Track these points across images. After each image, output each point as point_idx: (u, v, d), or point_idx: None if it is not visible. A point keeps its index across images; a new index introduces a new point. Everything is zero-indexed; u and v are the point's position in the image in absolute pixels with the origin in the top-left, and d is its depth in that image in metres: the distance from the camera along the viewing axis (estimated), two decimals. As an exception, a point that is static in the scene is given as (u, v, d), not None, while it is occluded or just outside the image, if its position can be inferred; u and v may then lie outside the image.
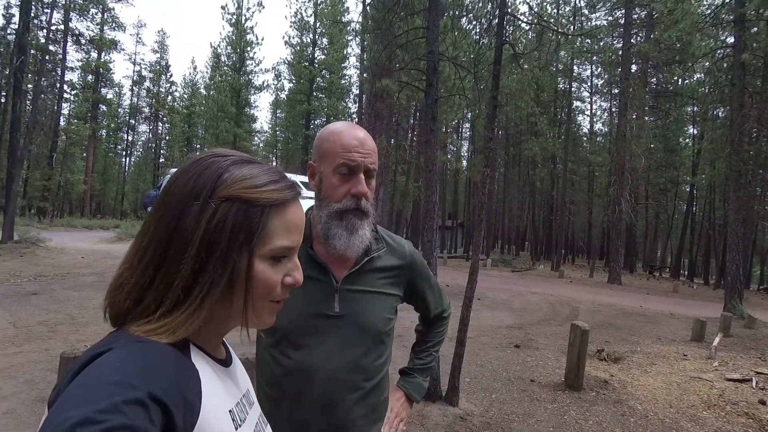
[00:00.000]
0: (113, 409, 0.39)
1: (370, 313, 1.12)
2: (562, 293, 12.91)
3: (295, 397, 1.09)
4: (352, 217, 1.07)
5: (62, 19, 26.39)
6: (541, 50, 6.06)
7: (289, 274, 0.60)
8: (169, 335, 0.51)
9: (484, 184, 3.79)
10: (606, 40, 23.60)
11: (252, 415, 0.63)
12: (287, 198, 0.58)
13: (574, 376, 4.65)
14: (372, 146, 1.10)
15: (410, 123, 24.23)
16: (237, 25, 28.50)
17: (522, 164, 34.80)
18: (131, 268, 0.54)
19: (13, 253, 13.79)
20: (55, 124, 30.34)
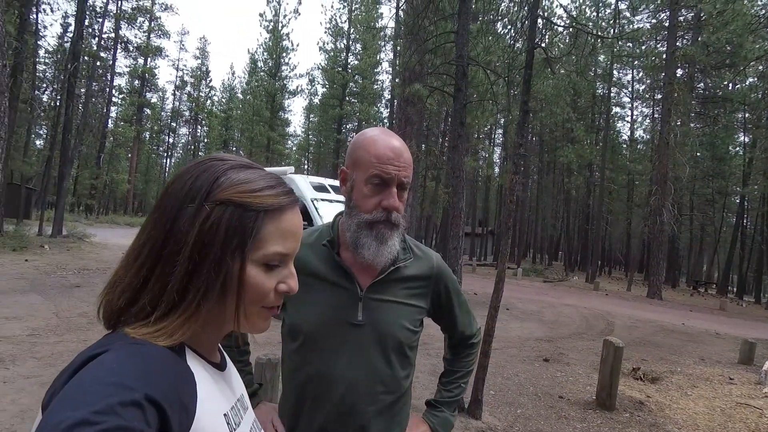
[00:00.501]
0: (109, 411, 0.39)
1: (392, 324, 1.10)
2: (597, 306, 12.40)
3: (315, 403, 1.08)
4: (383, 227, 1.06)
5: (113, 27, 27.92)
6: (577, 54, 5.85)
7: (283, 281, 0.59)
8: (166, 338, 0.51)
9: (512, 190, 3.68)
10: (649, 43, 22.67)
11: (246, 419, 0.63)
12: (283, 204, 0.57)
13: (607, 395, 4.42)
14: (408, 158, 1.07)
15: (441, 128, 24.08)
16: (274, 32, 29.26)
17: (557, 172, 33.90)
18: (126, 267, 0.54)
19: (61, 247, 14.61)
20: (103, 126, 32.08)
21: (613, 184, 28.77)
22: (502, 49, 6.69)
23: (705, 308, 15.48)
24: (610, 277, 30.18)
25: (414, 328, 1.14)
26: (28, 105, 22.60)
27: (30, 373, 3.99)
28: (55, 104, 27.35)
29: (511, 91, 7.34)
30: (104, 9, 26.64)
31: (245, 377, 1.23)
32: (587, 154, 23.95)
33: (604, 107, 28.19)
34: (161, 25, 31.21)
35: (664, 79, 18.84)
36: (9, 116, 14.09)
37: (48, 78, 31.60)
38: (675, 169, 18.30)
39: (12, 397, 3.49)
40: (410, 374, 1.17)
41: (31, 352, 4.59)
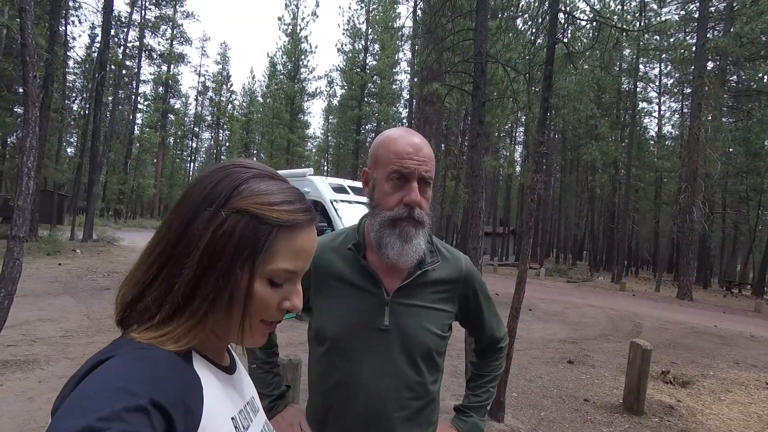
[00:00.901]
0: (115, 417, 0.39)
1: (419, 329, 1.08)
2: (623, 307, 12.06)
3: (342, 408, 1.08)
4: (406, 224, 1.03)
5: (137, 36, 28.78)
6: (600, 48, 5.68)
7: (288, 298, 0.58)
8: (173, 344, 0.52)
9: (533, 189, 3.60)
10: (677, 35, 21.94)
11: (257, 422, 0.63)
12: (298, 221, 0.56)
13: (634, 399, 4.28)
14: (428, 153, 1.05)
15: (460, 127, 23.89)
16: (292, 35, 29.60)
17: (580, 170, 33.16)
18: (140, 263, 0.55)
19: (91, 251, 15.13)
20: (130, 132, 33.08)
21: (640, 181, 27.89)
22: (522, 45, 6.59)
23: (739, 310, 14.87)
24: (637, 278, 29.35)
25: (442, 333, 1.11)
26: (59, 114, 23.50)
27: (63, 373, 4.13)
28: (84, 113, 28.36)
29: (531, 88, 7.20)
30: (129, 19, 27.50)
31: (273, 379, 1.24)
32: (612, 152, 23.31)
33: (629, 103, 27.41)
34: (183, 32, 32.01)
35: (694, 72, 18.19)
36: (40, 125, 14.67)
37: (77, 87, 32.81)
38: (706, 166, 17.62)
39: (47, 396, 3.62)
40: (438, 380, 1.15)
41: (64, 353, 4.76)
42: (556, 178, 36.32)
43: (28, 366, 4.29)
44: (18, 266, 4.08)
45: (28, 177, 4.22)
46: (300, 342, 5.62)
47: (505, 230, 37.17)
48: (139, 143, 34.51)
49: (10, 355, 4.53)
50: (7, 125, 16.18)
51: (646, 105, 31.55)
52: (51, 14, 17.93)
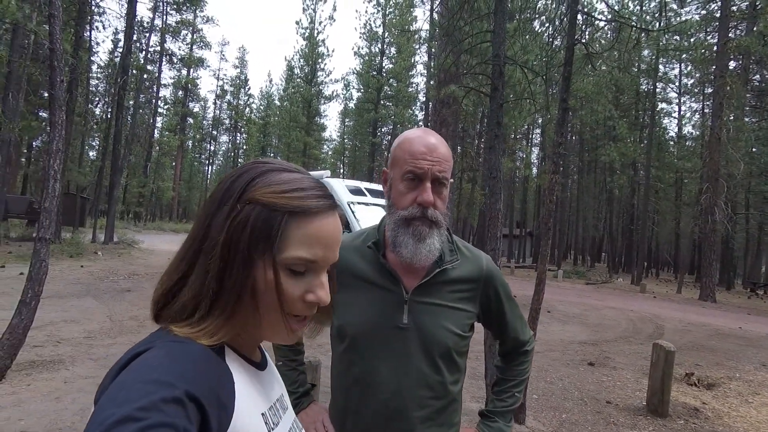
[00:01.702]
0: (153, 407, 0.40)
1: (439, 328, 1.08)
2: (644, 309, 11.83)
3: (361, 406, 1.08)
4: (420, 224, 1.04)
5: (159, 41, 29.38)
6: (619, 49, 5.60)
7: (311, 290, 0.57)
8: (208, 338, 0.52)
9: (551, 190, 3.58)
10: (698, 35, 21.47)
11: (285, 419, 0.63)
12: (311, 207, 0.55)
13: (658, 401, 4.22)
14: (443, 154, 1.05)
15: (477, 129, 23.77)
16: (310, 39, 29.86)
17: (598, 171, 32.66)
18: (174, 260, 0.57)
19: (112, 253, 15.47)
20: (150, 136, 33.72)
21: (660, 182, 27.35)
22: (540, 47, 6.56)
23: (765, 311, 14.44)
24: (657, 279, 28.73)
25: (462, 333, 1.11)
26: (82, 118, 24.12)
27: (88, 374, 4.22)
28: (106, 116, 29.06)
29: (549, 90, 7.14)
30: (151, 24, 28.12)
31: (299, 376, 1.25)
32: (631, 152, 22.91)
33: (648, 103, 26.93)
34: (203, 36, 32.62)
35: (715, 72, 17.79)
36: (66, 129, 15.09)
37: (100, 92, 33.66)
38: (728, 166, 17.20)
39: (73, 396, 3.70)
40: (460, 380, 1.14)
41: (88, 354, 4.85)
42: (574, 179, 35.82)
43: (53, 366, 4.39)
44: (44, 267, 4.19)
45: (55, 179, 4.35)
46: (319, 344, 5.67)
47: (522, 232, 36.77)
48: (158, 146, 35.20)
49: (36, 356, 4.64)
50: (32, 129, 16.67)
51: (665, 106, 30.95)
52: (77, 20, 18.46)
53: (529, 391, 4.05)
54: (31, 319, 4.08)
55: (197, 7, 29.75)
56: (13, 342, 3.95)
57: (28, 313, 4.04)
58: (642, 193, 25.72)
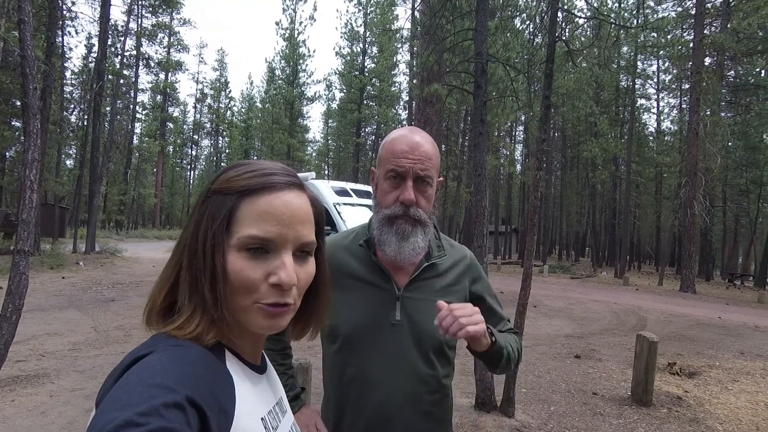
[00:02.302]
0: (153, 412, 0.40)
1: (431, 323, 1.06)
2: (628, 302, 12.08)
3: (357, 405, 1.08)
4: (403, 222, 1.05)
5: (135, 45, 28.85)
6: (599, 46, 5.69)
7: (273, 272, 0.54)
8: (204, 336, 0.53)
9: (536, 187, 3.63)
10: (674, 32, 22.00)
11: (284, 423, 0.63)
12: (258, 184, 0.55)
13: (642, 391, 4.31)
14: (426, 152, 1.05)
15: (461, 127, 23.95)
16: (290, 40, 29.68)
17: (580, 167, 33.20)
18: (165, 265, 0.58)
19: (95, 263, 15.14)
20: (129, 142, 33.07)
21: (641, 177, 27.97)
22: (521, 44, 6.64)
23: (742, 301, 14.87)
24: (640, 272, 29.33)
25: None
26: (58, 126, 23.52)
27: (74, 386, 4.13)
28: (82, 124, 28.39)
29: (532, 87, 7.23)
30: (126, 27, 27.59)
31: (288, 380, 1.24)
32: (612, 148, 23.39)
33: (628, 99, 27.53)
34: (180, 39, 32.11)
35: (692, 68, 18.24)
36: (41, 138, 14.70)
37: (75, 98, 32.86)
38: (705, 160, 17.65)
39: (59, 409, 3.62)
40: (451, 374, 1.15)
41: (73, 366, 4.75)
42: (557, 175, 36.35)
43: (38, 380, 4.29)
44: (24, 280, 4.07)
45: (32, 190, 4.23)
46: (308, 346, 5.65)
47: (507, 229, 37.16)
48: (138, 153, 34.55)
49: (19, 371, 4.53)
50: (5, 139, 16.24)
51: (644, 101, 31.69)
52: (48, 25, 18.00)
53: (517, 385, 4.10)
54: (13, 334, 3.96)
55: (173, 9, 29.27)
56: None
57: (9, 327, 3.91)
58: (623, 188, 26.26)
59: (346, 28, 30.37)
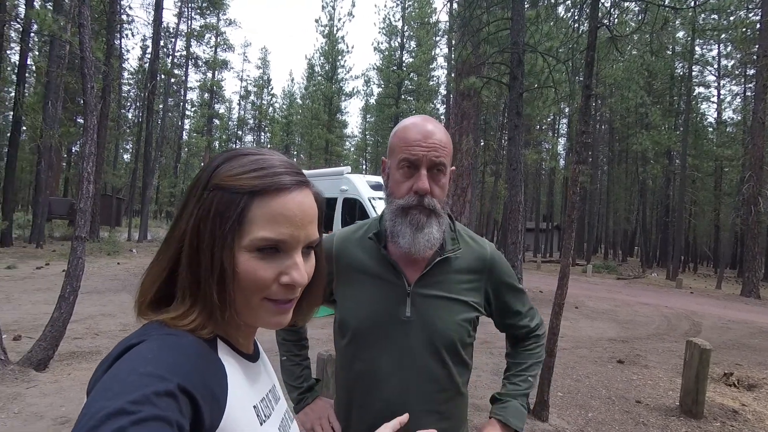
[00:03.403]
0: (145, 401, 0.40)
1: (442, 320, 1.05)
2: (680, 305, 11.36)
3: (365, 400, 1.07)
4: (417, 213, 1.01)
5: (184, 45, 30.17)
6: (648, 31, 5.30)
7: (285, 271, 0.55)
8: (200, 330, 0.52)
9: (575, 182, 3.45)
10: (738, 13, 20.33)
11: (278, 410, 0.63)
12: (271, 185, 0.53)
13: (692, 401, 4.03)
14: (439, 139, 1.01)
15: (499, 121, 23.34)
16: (329, 36, 29.96)
17: (629, 161, 31.54)
18: (155, 255, 0.57)
19: (146, 251, 16.08)
20: (179, 138, 34.77)
21: (697, 171, 26.13)
22: (564, 33, 6.34)
23: (814, 308, 13.61)
24: (695, 274, 27.56)
25: (467, 325, 1.07)
26: (116, 123, 25.07)
27: (122, 364, 4.43)
28: (138, 121, 30.07)
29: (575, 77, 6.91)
30: (176, 29, 28.89)
31: (303, 371, 1.24)
32: (665, 141, 21.97)
33: (684, 88, 25.72)
34: (226, 39, 33.16)
35: (758, 51, 16.80)
36: (99, 133, 15.63)
37: (132, 97, 34.85)
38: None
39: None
40: (466, 372, 1.11)
41: (122, 345, 5.09)
42: (603, 170, 34.73)
43: (92, 357, 4.63)
44: (81, 264, 4.40)
45: (88, 181, 4.54)
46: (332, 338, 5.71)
47: (548, 225, 35.94)
48: (187, 148, 36.20)
49: (76, 347, 4.91)
50: (71, 135, 17.50)
51: (703, 90, 29.47)
52: (108, 29, 19.15)
53: (553, 388, 3.94)
54: (70, 313, 4.30)
55: (220, 10, 30.29)
56: (55, 334, 4.18)
57: (67, 307, 4.25)
58: (678, 184, 24.68)
59: (384, 23, 30.25)
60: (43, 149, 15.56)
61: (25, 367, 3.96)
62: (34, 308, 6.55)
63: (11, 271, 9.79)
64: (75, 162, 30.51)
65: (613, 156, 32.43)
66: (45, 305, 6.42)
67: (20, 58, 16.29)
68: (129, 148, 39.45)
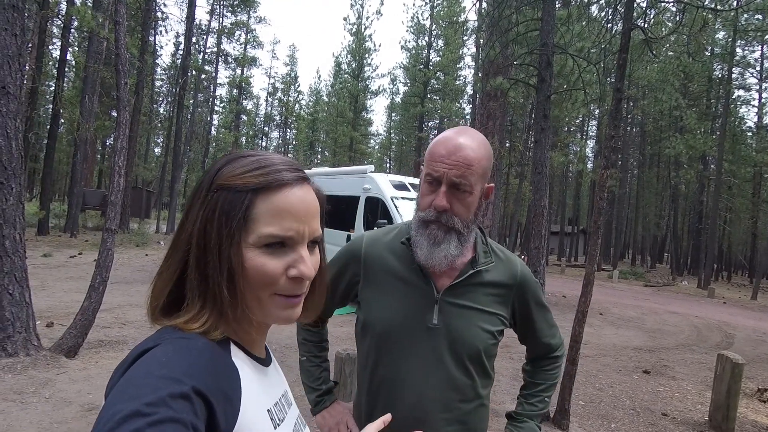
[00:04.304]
0: (160, 403, 0.41)
1: (469, 330, 1.05)
2: (712, 316, 10.93)
3: (387, 406, 1.06)
4: (435, 228, 1.02)
5: (215, 42, 30.83)
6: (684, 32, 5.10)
7: (293, 265, 0.56)
8: (212, 332, 0.53)
9: (602, 186, 3.36)
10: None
11: (290, 415, 0.63)
12: (273, 181, 0.55)
13: (722, 417, 3.88)
14: (465, 157, 0.99)
15: (526, 122, 22.94)
16: (357, 34, 30.07)
17: (662, 165, 30.49)
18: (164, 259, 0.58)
19: (173, 242, 16.50)
20: (207, 133, 35.55)
21: (734, 177, 25.05)
22: (596, 34, 6.17)
23: None
24: (729, 283, 26.46)
25: (493, 336, 1.08)
26: (148, 117, 25.84)
27: (149, 353, 4.57)
28: (169, 115, 30.91)
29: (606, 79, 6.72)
30: (208, 26, 29.54)
31: (322, 373, 1.25)
32: (700, 145, 21.10)
33: (722, 91, 24.66)
34: (256, 36, 33.71)
35: (802, 52, 15.95)
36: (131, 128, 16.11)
37: (164, 92, 35.83)
38: (816, 159, 15.43)
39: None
40: (488, 383, 1.12)
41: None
42: (633, 174, 33.69)
43: (119, 346, 4.76)
44: (111, 255, 4.55)
45: (119, 174, 4.69)
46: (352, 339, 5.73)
47: (573, 229, 35.17)
48: (215, 143, 36.99)
49: (104, 336, 5.07)
50: (105, 128, 18.15)
51: (743, 93, 28.15)
52: (143, 26, 19.75)
53: (574, 397, 3.86)
54: (100, 302, 4.45)
55: (251, 8, 30.78)
56: (84, 323, 4.33)
57: (96, 296, 4.40)
58: (712, 189, 23.70)
59: (413, 22, 30.17)
60: (79, 142, 16.18)
61: (57, 353, 4.11)
62: (67, 296, 6.83)
63: (47, 259, 10.23)
64: (108, 155, 31.62)
65: (644, 159, 31.44)
66: (77, 293, 6.68)
67: (60, 53, 16.98)
68: (160, 142, 40.56)
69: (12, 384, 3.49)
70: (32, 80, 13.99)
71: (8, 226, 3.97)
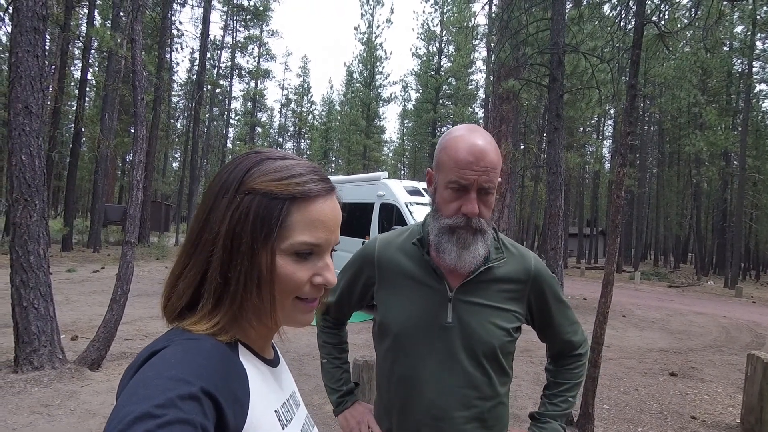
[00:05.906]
0: (170, 404, 0.41)
1: (483, 328, 1.05)
2: (741, 315, 10.57)
3: (406, 405, 1.07)
4: (464, 232, 1.02)
5: (229, 57, 31.46)
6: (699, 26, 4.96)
7: (318, 273, 0.57)
8: (223, 334, 0.54)
9: (619, 185, 3.29)
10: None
11: (298, 416, 0.64)
12: (310, 192, 0.56)
13: (756, 420, 3.73)
14: (491, 161, 1.00)
15: (540, 124, 22.73)
16: (368, 43, 30.34)
17: (682, 163, 29.80)
18: (177, 259, 0.58)
19: (192, 254, 16.76)
20: (223, 145, 36.20)
21: (759, 173, 24.30)
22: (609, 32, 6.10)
23: None
24: (757, 282, 25.55)
25: (508, 333, 1.07)
26: (165, 132, 26.44)
27: (170, 365, 4.63)
28: (186, 130, 31.57)
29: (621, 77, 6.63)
30: (222, 41, 30.17)
31: (342, 375, 1.27)
32: (722, 141, 20.55)
33: (743, 85, 24.04)
34: (268, 49, 34.22)
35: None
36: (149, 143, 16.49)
37: (180, 107, 36.66)
38: None
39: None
40: (507, 382, 1.11)
41: (171, 346, 5.32)
42: (653, 173, 33.01)
43: (141, 356, 4.85)
44: (131, 268, 4.63)
45: (137, 188, 4.79)
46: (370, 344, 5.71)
47: (593, 231, 34.55)
48: (231, 155, 37.60)
49: (126, 348, 5.15)
50: (125, 144, 18.64)
51: (764, 87, 27.40)
52: (159, 43, 20.28)
53: (598, 400, 3.76)
54: (121, 315, 4.53)
55: (263, 21, 31.35)
56: (107, 335, 4.41)
57: (118, 309, 4.49)
58: (736, 186, 23.04)
59: (423, 29, 30.30)
60: (100, 159, 16.64)
61: (81, 366, 4.19)
62: (90, 310, 6.98)
63: (71, 274, 10.50)
64: (128, 171, 32.43)
65: (663, 158, 30.80)
66: (99, 307, 6.82)
67: (81, 74, 17.56)
68: (177, 156, 41.45)
69: (39, 397, 3.57)
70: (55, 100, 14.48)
71: (32, 241, 4.09)
